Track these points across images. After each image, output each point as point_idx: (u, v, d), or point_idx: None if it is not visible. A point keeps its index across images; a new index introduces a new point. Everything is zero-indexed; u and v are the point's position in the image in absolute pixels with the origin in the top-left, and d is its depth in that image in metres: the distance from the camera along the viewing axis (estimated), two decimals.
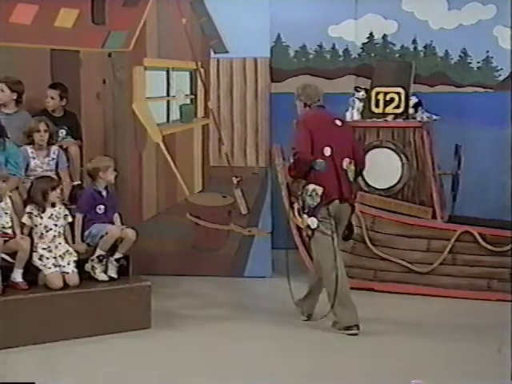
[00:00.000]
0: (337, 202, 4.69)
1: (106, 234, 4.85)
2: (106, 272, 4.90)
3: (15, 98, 5.41)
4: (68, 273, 4.70)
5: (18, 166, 4.96)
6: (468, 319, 5.08)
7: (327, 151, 4.66)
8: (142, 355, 4.39)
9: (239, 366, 4.22)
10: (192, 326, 4.91)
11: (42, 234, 4.74)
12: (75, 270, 4.74)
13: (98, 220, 4.95)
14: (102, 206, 4.98)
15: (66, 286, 4.68)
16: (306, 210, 4.66)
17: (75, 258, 4.78)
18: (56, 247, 4.75)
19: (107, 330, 4.65)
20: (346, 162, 4.73)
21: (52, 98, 5.61)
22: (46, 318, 4.50)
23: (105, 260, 4.88)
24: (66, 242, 4.82)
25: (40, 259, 4.68)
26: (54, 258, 4.71)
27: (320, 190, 4.61)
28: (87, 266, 4.88)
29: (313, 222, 4.64)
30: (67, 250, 4.78)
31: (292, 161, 4.73)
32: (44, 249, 4.71)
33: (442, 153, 6.03)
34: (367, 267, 5.84)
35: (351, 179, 4.77)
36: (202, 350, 4.47)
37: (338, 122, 4.83)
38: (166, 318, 5.00)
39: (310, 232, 4.69)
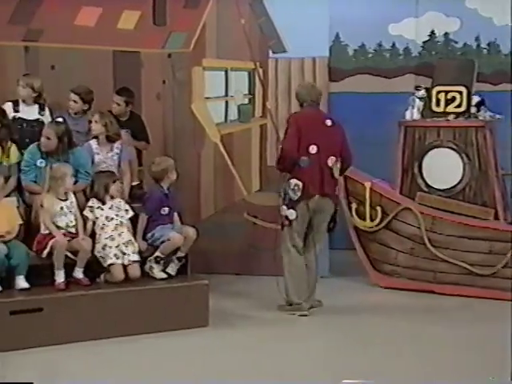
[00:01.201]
0: (317, 197, 5.01)
1: (168, 240, 4.93)
2: (164, 270, 4.97)
3: (86, 108, 5.53)
4: (134, 261, 4.78)
5: (89, 175, 5.05)
6: None
7: (313, 149, 4.99)
8: (199, 353, 4.43)
9: (295, 366, 4.21)
10: (249, 325, 4.92)
11: (103, 224, 4.85)
12: (138, 260, 4.81)
13: (162, 221, 5.04)
14: (167, 208, 5.06)
15: (126, 280, 4.76)
16: (286, 202, 5.03)
17: (138, 249, 4.86)
18: (119, 235, 4.84)
19: (165, 328, 4.71)
20: (331, 160, 5.05)
21: (118, 104, 5.69)
22: (105, 314, 4.60)
23: (162, 261, 4.96)
24: (128, 231, 4.90)
25: (103, 249, 4.77)
26: (117, 246, 4.79)
27: (301, 185, 4.96)
28: (146, 267, 4.95)
29: (291, 213, 5.02)
30: (130, 240, 4.87)
31: (278, 156, 5.11)
32: (106, 238, 4.81)
33: (506, 153, 5.87)
34: (427, 269, 5.74)
35: (336, 176, 5.10)
36: (259, 349, 4.47)
37: (328, 122, 5.11)
38: (224, 316, 5.03)
39: (286, 222, 5.06)
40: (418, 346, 4.53)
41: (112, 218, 4.87)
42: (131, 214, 4.99)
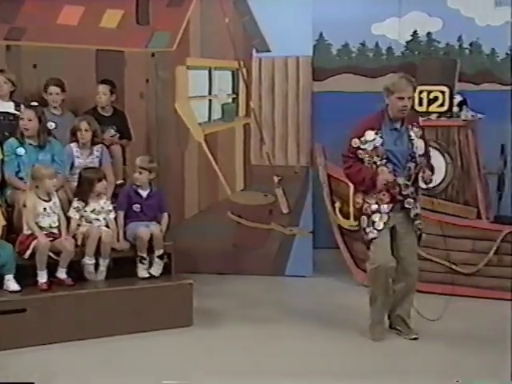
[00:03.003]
0: None
1: (135, 238, 4.94)
2: (149, 270, 4.96)
3: (64, 97, 5.54)
4: (102, 233, 4.81)
5: (63, 164, 5.07)
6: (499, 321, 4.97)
7: None
8: (182, 353, 4.42)
9: (278, 366, 4.22)
10: (233, 324, 4.92)
11: (84, 226, 4.89)
12: (109, 231, 4.86)
13: (135, 218, 5.03)
14: (138, 205, 5.04)
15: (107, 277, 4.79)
16: None
17: (110, 231, 4.89)
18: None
19: (149, 328, 4.70)
20: None
21: (104, 93, 5.67)
22: (88, 315, 4.58)
23: (145, 260, 4.95)
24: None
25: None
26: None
27: None
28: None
29: None
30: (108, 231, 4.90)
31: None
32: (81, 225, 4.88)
33: (488, 152, 5.91)
34: None
35: None
36: (242, 349, 4.47)
37: None
38: (208, 316, 5.03)
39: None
40: (404, 345, 4.55)
41: (90, 222, 4.89)
42: (113, 215, 5.00)
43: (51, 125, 5.38)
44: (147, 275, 4.93)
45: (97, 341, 4.53)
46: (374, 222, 4.49)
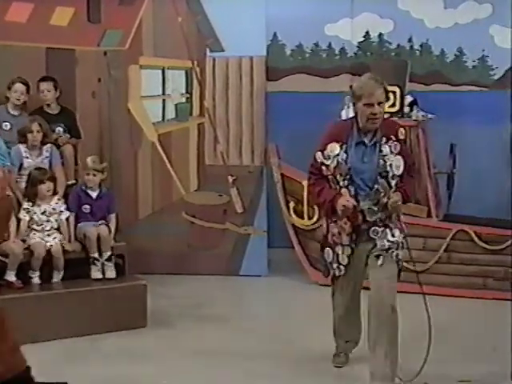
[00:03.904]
0: None
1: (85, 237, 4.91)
2: (103, 272, 4.91)
3: (27, 99, 5.44)
4: (52, 245, 4.75)
5: (6, 157, 4.93)
6: (463, 318, 5.09)
7: None
8: (138, 354, 4.39)
9: (232, 366, 4.22)
10: (188, 325, 4.91)
11: (34, 229, 4.82)
12: (58, 242, 4.79)
13: (84, 219, 4.99)
14: (88, 206, 5.00)
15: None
16: None
17: (61, 237, 4.83)
18: (48, 236, 4.82)
19: (103, 329, 4.65)
20: None
21: (49, 90, 5.56)
22: (41, 317, 4.51)
23: (97, 261, 4.90)
24: (59, 232, 4.87)
25: (27, 235, 4.76)
26: (40, 234, 4.78)
27: None
28: None
29: None
30: (54, 232, 4.83)
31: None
32: (34, 234, 4.79)
33: (437, 152, 6.03)
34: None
35: None
36: (197, 349, 4.46)
37: None
38: (162, 316, 5.00)
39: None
40: None
41: (41, 224, 4.82)
42: (65, 215, 4.93)
43: (6, 125, 5.28)
44: (100, 276, 4.88)
45: (49, 344, 4.46)
46: (338, 256, 3.88)
